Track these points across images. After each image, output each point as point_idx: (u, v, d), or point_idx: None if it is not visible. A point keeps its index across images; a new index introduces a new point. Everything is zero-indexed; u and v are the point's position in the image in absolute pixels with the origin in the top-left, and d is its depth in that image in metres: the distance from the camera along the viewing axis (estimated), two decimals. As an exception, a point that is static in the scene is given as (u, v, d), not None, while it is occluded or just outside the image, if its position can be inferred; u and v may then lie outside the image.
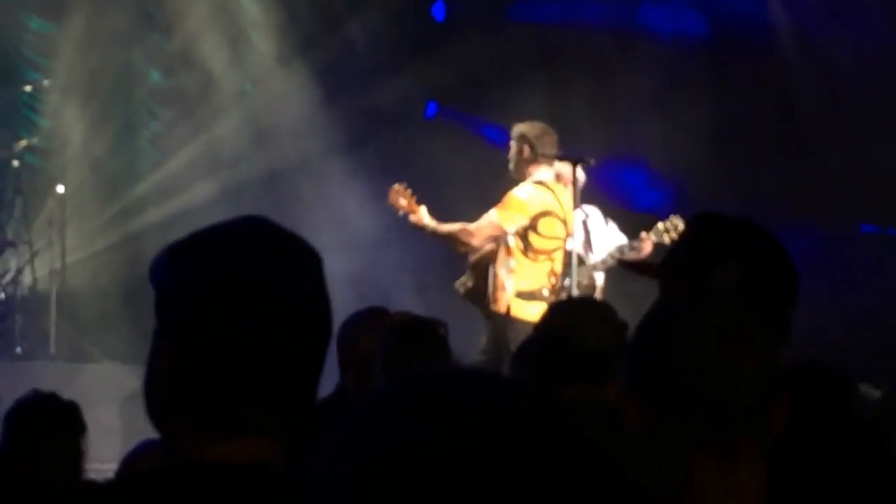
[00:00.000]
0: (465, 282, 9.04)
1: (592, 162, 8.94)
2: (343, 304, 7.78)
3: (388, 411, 1.06)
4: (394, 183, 9.13)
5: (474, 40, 12.37)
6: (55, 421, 4.48)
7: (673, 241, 7.75)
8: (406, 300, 10.53)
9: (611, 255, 8.97)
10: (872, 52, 11.38)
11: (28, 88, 12.24)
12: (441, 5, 13.25)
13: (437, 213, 9.04)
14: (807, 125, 11.71)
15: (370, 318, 5.42)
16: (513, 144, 8.94)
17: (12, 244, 11.46)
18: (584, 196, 8.93)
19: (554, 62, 12.22)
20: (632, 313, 3.15)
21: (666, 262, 3.12)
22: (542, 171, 8.87)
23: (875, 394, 5.18)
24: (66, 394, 4.78)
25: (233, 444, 1.85)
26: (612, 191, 10.15)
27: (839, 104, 11.57)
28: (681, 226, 8.46)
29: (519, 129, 8.96)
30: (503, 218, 8.77)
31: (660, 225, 8.84)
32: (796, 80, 11.80)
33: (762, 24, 11.95)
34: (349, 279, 11.04)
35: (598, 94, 11.86)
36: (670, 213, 8.96)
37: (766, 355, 2.05)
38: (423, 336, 5.05)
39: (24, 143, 11.59)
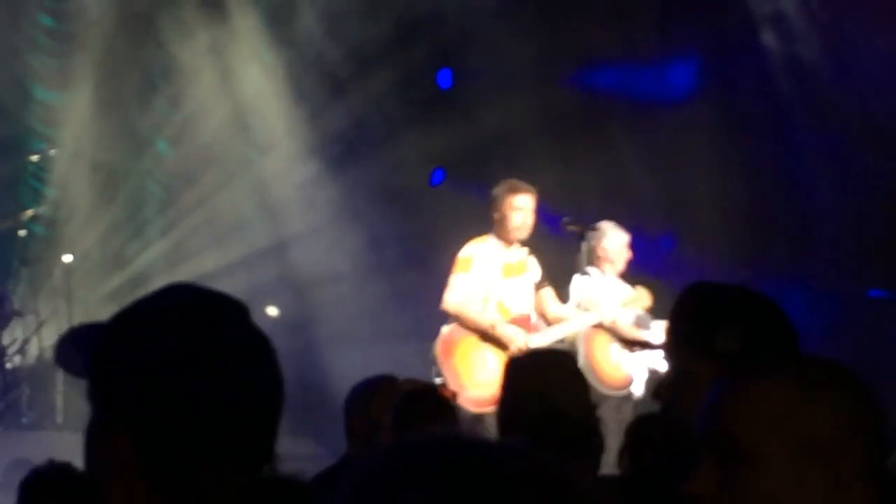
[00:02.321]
0: None
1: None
2: (350, 369, 7.75)
3: (390, 474, 1.06)
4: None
5: (480, 107, 12.40)
6: (71, 491, 4.45)
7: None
8: (413, 367, 10.49)
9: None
10: (881, 107, 11.36)
11: (34, 158, 12.29)
12: (447, 72, 13.30)
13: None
14: (813, 186, 11.70)
15: (379, 386, 5.40)
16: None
17: (19, 314, 11.45)
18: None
19: (561, 128, 12.23)
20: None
21: (668, 336, 3.16)
22: None
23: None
24: (74, 464, 4.76)
25: None
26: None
27: (847, 163, 11.57)
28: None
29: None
30: None
31: None
32: (803, 140, 11.82)
33: (767, 80, 11.97)
34: (356, 345, 11.03)
35: (605, 160, 11.88)
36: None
37: None
38: (432, 403, 5.04)
39: (30, 212, 11.62)
